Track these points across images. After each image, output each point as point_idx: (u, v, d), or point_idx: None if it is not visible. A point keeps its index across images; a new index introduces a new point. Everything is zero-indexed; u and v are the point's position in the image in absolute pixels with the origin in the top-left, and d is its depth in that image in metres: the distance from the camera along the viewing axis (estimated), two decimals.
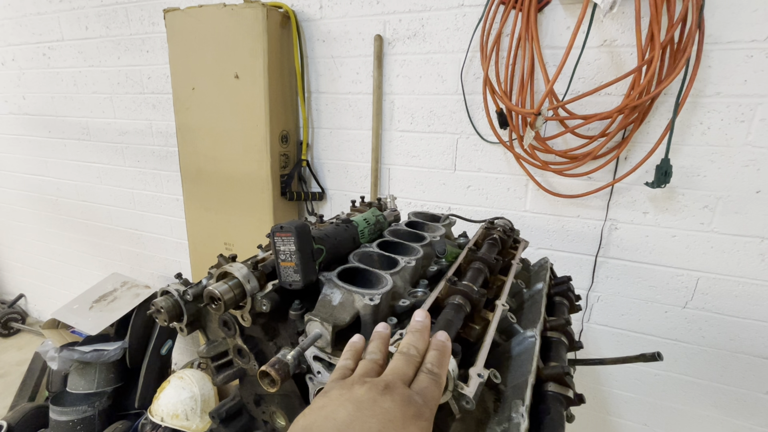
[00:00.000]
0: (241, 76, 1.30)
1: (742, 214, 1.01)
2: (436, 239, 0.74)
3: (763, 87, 0.92)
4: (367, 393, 0.31)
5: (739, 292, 1.07)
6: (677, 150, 1.03)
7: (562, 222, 1.20)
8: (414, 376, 0.35)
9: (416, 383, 0.34)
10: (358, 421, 0.29)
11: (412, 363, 0.36)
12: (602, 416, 1.34)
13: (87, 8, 1.70)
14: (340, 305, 0.53)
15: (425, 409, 0.32)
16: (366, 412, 0.30)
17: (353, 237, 0.67)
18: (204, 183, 1.49)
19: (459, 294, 0.54)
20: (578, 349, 0.64)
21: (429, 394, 0.34)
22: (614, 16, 0.99)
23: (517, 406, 0.44)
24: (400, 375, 0.34)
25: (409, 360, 0.36)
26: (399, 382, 0.33)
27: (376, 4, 1.23)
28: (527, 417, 0.43)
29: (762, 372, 1.11)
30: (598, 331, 1.26)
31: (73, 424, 1.53)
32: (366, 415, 0.29)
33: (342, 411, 0.30)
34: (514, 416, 0.43)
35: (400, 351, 0.37)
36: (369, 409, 0.30)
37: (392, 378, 0.33)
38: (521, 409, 0.43)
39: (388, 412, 0.30)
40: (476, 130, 1.20)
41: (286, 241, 0.53)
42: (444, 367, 0.37)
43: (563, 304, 0.74)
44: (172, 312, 0.61)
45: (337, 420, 0.29)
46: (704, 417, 1.21)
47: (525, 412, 0.43)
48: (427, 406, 0.32)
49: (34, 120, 2.08)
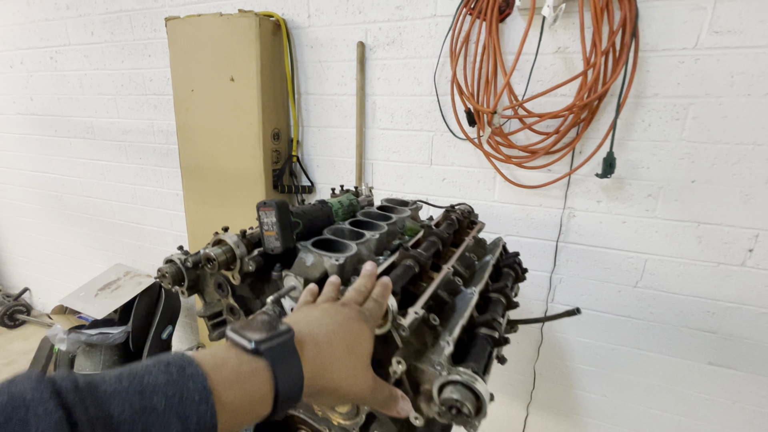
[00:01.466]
0: (237, 79, 1.42)
1: (680, 201, 1.14)
2: (400, 218, 0.86)
3: (694, 89, 1.05)
4: (330, 306, 0.43)
5: (681, 271, 1.19)
6: (624, 145, 1.15)
7: (527, 210, 1.32)
8: (362, 304, 0.47)
9: (365, 306, 0.46)
10: (327, 316, 0.40)
11: (361, 295, 0.48)
12: (566, 389, 1.46)
13: (93, 15, 1.83)
14: (312, 265, 0.65)
15: (371, 320, 0.44)
16: (331, 311, 0.41)
17: (328, 215, 0.80)
18: (202, 178, 1.61)
19: (410, 257, 0.67)
20: (515, 308, 0.76)
21: (374, 312, 0.46)
22: (566, 26, 1.12)
23: (445, 336, 0.56)
24: (352, 299, 0.46)
25: (359, 293, 0.48)
26: (352, 302, 0.45)
27: (359, 14, 1.35)
28: (452, 345, 0.55)
29: (704, 344, 1.23)
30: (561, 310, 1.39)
31: None
32: (331, 314, 0.41)
33: (314, 312, 0.41)
34: (442, 343, 0.55)
35: (353, 287, 0.49)
36: (333, 312, 0.41)
37: (346, 300, 0.45)
38: (448, 338, 0.56)
39: (347, 314, 0.41)
40: (449, 128, 1.33)
41: (268, 214, 0.65)
42: (385, 298, 0.50)
43: (509, 274, 0.86)
44: (175, 277, 0.73)
45: (311, 316, 0.40)
46: (656, 387, 1.33)
47: (451, 341, 0.55)
48: (373, 319, 0.45)
49: (40, 120, 2.20)
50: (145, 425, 0.23)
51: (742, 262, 1.12)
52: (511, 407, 1.57)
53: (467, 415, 0.50)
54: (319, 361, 0.35)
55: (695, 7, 1.00)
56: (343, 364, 0.37)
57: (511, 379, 1.54)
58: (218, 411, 0.26)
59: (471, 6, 1.17)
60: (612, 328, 1.33)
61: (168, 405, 0.24)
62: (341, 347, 0.37)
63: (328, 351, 0.36)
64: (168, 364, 0.26)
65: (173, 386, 0.25)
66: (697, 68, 1.03)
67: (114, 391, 0.24)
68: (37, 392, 0.22)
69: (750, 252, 1.11)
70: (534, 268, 1.36)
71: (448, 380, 0.51)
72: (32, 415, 0.21)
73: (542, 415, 1.54)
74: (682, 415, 1.33)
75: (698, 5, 0.99)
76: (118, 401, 0.23)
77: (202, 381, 0.26)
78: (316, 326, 0.38)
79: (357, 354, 0.39)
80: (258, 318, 0.35)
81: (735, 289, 1.15)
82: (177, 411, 0.25)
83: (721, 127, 1.05)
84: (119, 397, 0.24)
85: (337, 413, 0.71)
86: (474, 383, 0.50)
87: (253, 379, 0.30)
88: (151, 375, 0.25)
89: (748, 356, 1.19)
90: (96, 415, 0.22)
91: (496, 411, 1.60)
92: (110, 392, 0.24)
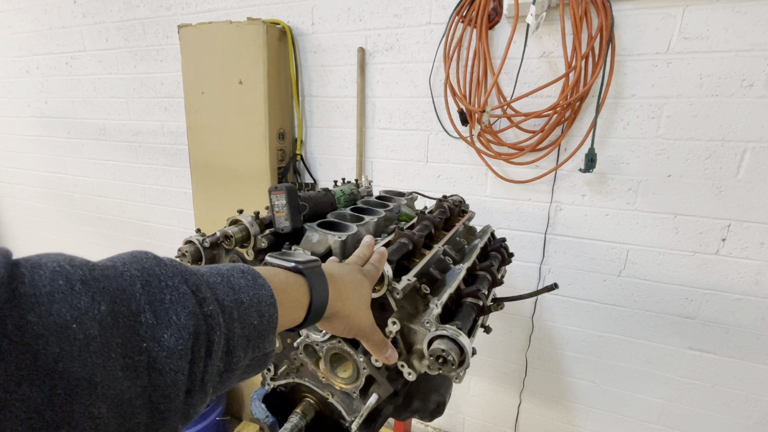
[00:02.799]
0: (245, 82, 1.52)
1: (658, 194, 1.23)
2: (397, 205, 0.95)
3: (667, 90, 1.14)
4: (337, 260, 0.54)
5: (660, 260, 1.28)
6: (605, 142, 1.24)
7: (517, 205, 1.41)
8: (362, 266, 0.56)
9: (364, 267, 0.55)
10: (337, 265, 0.51)
11: (361, 260, 0.57)
12: (556, 376, 1.53)
13: (108, 23, 1.93)
14: (318, 242, 0.74)
15: (369, 277, 0.54)
16: (339, 264, 0.52)
17: (331, 202, 0.88)
18: (211, 175, 1.70)
19: (404, 236, 0.75)
20: (500, 284, 0.85)
21: (371, 272, 0.55)
22: (550, 32, 1.21)
23: (434, 301, 0.64)
24: (354, 261, 0.56)
25: (359, 258, 0.57)
26: (356, 265, 0.55)
27: (359, 21, 1.45)
28: (440, 307, 0.64)
29: (683, 330, 1.31)
30: (551, 299, 1.47)
31: None
32: (340, 264, 0.52)
33: (328, 262, 0.52)
34: (431, 306, 0.63)
35: (354, 254, 0.58)
36: (341, 264, 0.52)
37: (349, 260, 0.55)
38: (436, 300, 0.64)
39: (352, 267, 0.52)
40: (443, 127, 1.42)
41: (279, 197, 0.74)
42: (382, 263, 0.58)
43: (496, 256, 0.94)
44: (194, 255, 0.81)
45: (327, 263, 0.51)
46: (640, 372, 1.41)
47: (439, 305, 0.64)
48: (370, 277, 0.54)
49: (54, 122, 2.30)
50: (239, 312, 0.31)
51: (716, 250, 1.21)
52: (505, 395, 1.64)
53: (452, 363, 0.58)
54: (338, 288, 0.45)
55: (666, 15, 1.09)
56: (353, 298, 0.47)
57: (505, 367, 1.61)
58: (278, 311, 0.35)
59: (463, 14, 1.27)
60: (598, 316, 1.41)
61: (250, 303, 0.32)
62: (351, 285, 0.48)
63: (343, 284, 0.46)
64: (243, 272, 0.34)
65: (252, 289, 0.33)
66: (669, 71, 1.12)
67: (215, 282, 0.31)
68: (163, 269, 0.27)
69: (723, 241, 1.19)
70: (524, 260, 1.44)
71: (436, 335, 0.60)
72: (165, 285, 0.26)
73: (534, 401, 1.61)
74: (665, 398, 1.40)
75: (669, 13, 1.09)
76: (221, 290, 0.31)
77: (270, 289, 0.35)
78: (331, 267, 0.48)
79: (361, 294, 0.49)
80: (289, 252, 0.44)
81: (710, 276, 1.23)
82: (257, 309, 0.32)
83: (692, 125, 1.14)
84: (221, 287, 0.31)
85: (339, 378, 0.79)
86: (458, 336, 0.58)
87: (298, 288, 0.39)
88: (234, 278, 0.33)
89: (724, 340, 1.27)
90: (212, 297, 0.29)
91: (490, 398, 1.68)
92: (213, 283, 0.31)
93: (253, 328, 0.32)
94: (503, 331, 1.56)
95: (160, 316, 0.25)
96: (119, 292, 0.24)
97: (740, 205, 1.15)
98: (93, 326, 0.22)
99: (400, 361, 0.67)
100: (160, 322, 0.25)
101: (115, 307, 0.23)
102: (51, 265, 0.22)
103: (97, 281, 0.23)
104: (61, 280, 0.22)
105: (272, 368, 0.90)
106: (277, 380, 0.90)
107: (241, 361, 0.32)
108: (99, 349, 0.22)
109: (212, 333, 0.28)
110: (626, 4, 1.12)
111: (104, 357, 0.22)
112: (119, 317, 0.23)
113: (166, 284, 0.26)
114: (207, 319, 0.28)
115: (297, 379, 0.87)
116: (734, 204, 1.16)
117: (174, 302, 0.26)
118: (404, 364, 0.67)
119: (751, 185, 1.13)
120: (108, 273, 0.25)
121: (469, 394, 1.71)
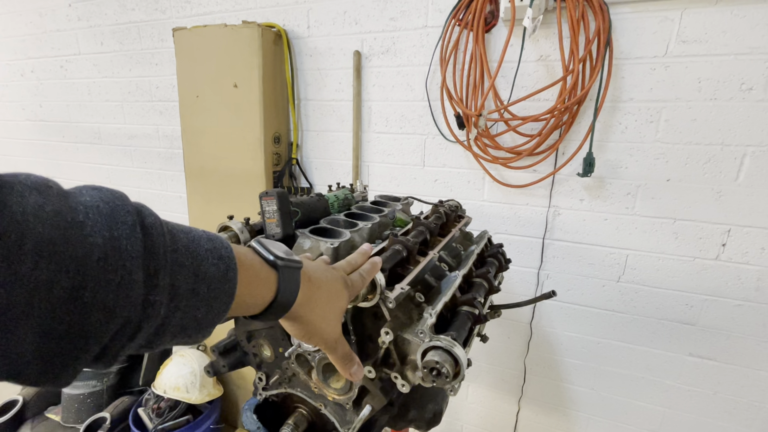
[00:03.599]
0: (240, 86, 1.50)
1: (657, 199, 1.21)
2: (392, 211, 0.93)
3: (665, 94, 1.13)
4: (324, 264, 0.50)
5: (660, 266, 1.26)
6: (603, 146, 1.23)
7: (515, 209, 1.39)
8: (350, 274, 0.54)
9: (350, 276, 0.53)
10: (320, 270, 0.48)
11: (351, 266, 0.55)
12: (556, 383, 1.51)
13: (103, 26, 1.92)
14: (309, 249, 0.72)
15: (351, 289, 0.51)
16: (323, 267, 0.49)
17: (324, 207, 0.86)
18: (206, 179, 1.68)
19: (399, 243, 0.73)
20: (496, 292, 0.83)
21: (355, 283, 0.52)
22: (547, 35, 1.20)
23: (429, 310, 0.62)
24: (342, 267, 0.53)
25: (350, 264, 0.55)
26: (341, 269, 0.52)
27: (355, 24, 1.44)
28: (435, 317, 0.62)
29: (684, 336, 1.29)
30: (549, 305, 1.45)
31: (83, 398, 1.69)
32: (323, 269, 0.48)
33: (314, 263, 0.49)
34: (425, 315, 0.61)
35: (346, 259, 0.56)
36: (325, 269, 0.49)
37: (337, 265, 0.53)
38: (431, 311, 0.62)
39: (334, 275, 0.49)
40: (440, 131, 1.41)
41: (270, 203, 0.72)
42: (371, 274, 0.56)
43: (493, 263, 0.92)
44: None
45: (313, 264, 0.48)
46: (640, 378, 1.38)
47: (434, 314, 0.62)
48: (353, 288, 0.51)
49: (49, 126, 2.28)
50: (187, 302, 0.30)
51: (716, 256, 1.19)
52: (503, 402, 1.62)
53: (446, 376, 0.56)
54: (309, 293, 0.43)
55: (664, 19, 1.08)
56: (322, 308, 0.45)
57: (503, 374, 1.59)
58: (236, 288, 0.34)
59: (459, 17, 1.26)
60: (597, 322, 1.39)
61: (206, 295, 0.31)
62: (325, 295, 0.46)
63: (317, 291, 0.44)
64: (220, 258, 0.33)
65: (216, 282, 0.32)
66: (668, 75, 1.11)
67: (182, 265, 0.29)
68: (131, 243, 0.26)
69: (723, 246, 1.18)
70: (522, 265, 1.43)
71: (430, 345, 0.58)
72: (121, 266, 0.25)
73: (533, 408, 1.58)
74: (666, 406, 1.38)
75: (666, 17, 1.08)
76: (184, 275, 0.29)
77: (234, 287, 0.34)
78: (313, 269, 0.46)
79: (333, 306, 0.47)
80: (277, 244, 0.42)
81: (710, 282, 1.21)
82: (208, 302, 0.32)
83: (691, 129, 1.13)
84: (184, 272, 0.30)
85: (331, 389, 0.77)
86: (452, 348, 0.56)
87: (265, 284, 0.38)
88: (206, 264, 0.31)
89: (725, 347, 1.25)
90: (166, 284, 0.28)
91: (489, 406, 1.65)
92: (180, 264, 0.29)
93: (194, 319, 0.31)
94: (501, 338, 1.54)
95: (98, 296, 0.24)
96: (71, 262, 0.23)
97: (740, 210, 1.14)
98: (21, 293, 0.21)
99: (394, 372, 0.65)
100: (95, 302, 0.24)
101: (57, 277, 0.23)
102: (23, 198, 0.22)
103: (54, 245, 0.22)
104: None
105: (264, 378, 0.88)
106: (269, 390, 0.87)
107: (166, 343, 0.31)
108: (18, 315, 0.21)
109: (145, 322, 0.28)
110: (624, 8, 1.11)
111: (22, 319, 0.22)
112: (55, 288, 0.23)
113: (123, 264, 0.25)
114: (146, 309, 0.27)
115: (289, 389, 0.85)
116: (734, 209, 1.14)
117: (120, 285, 0.25)
118: (398, 376, 0.65)
119: (751, 190, 1.11)
120: (71, 235, 0.23)
121: (467, 401, 1.68)
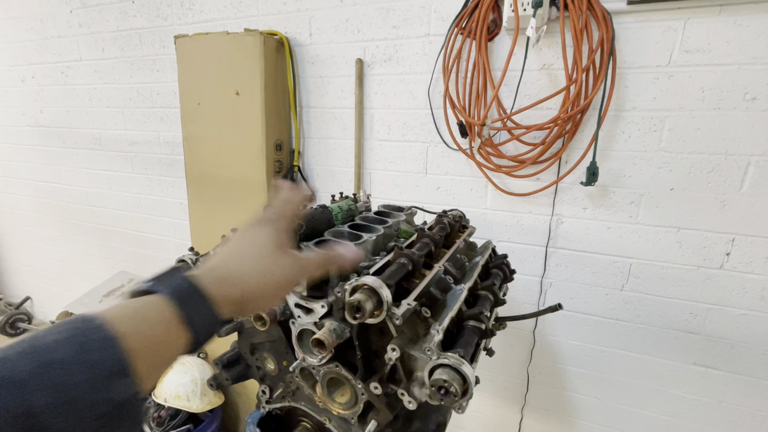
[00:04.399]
0: (241, 93, 1.50)
1: (660, 208, 1.21)
2: (396, 222, 0.93)
3: (669, 103, 1.13)
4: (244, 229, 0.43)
5: (664, 275, 1.25)
6: (607, 155, 1.23)
7: (517, 217, 1.39)
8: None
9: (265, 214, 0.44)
10: (235, 241, 0.42)
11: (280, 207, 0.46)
12: (559, 392, 1.50)
13: (104, 33, 1.92)
14: None
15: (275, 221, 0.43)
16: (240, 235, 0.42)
17: (328, 219, 0.86)
18: (207, 186, 1.68)
19: (404, 256, 0.73)
20: (502, 304, 0.82)
21: (276, 212, 0.45)
22: (550, 44, 1.20)
23: (436, 326, 0.62)
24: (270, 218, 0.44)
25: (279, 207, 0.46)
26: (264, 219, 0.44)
27: (357, 32, 1.44)
28: (442, 333, 0.61)
29: (688, 345, 1.29)
30: (553, 314, 1.44)
31: None
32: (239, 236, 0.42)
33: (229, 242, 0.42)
34: (432, 332, 0.61)
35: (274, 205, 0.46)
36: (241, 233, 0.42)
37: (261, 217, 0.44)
38: (438, 327, 0.61)
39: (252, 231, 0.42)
40: (442, 139, 1.40)
41: None
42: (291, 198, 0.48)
43: (498, 274, 0.92)
44: None
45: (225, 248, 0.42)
46: (644, 388, 1.38)
47: (441, 330, 0.61)
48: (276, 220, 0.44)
49: (49, 131, 2.28)
50: (49, 377, 0.23)
51: (720, 265, 1.19)
52: (506, 410, 1.61)
53: (454, 395, 0.56)
54: (227, 274, 0.38)
55: (667, 29, 1.08)
56: (251, 269, 0.39)
57: (506, 382, 1.58)
58: (130, 352, 0.27)
59: (462, 26, 1.25)
60: (601, 331, 1.38)
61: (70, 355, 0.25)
62: (247, 260, 0.39)
63: (237, 268, 0.38)
64: (75, 327, 0.27)
65: (76, 338, 0.26)
66: (671, 84, 1.11)
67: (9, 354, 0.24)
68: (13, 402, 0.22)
69: (727, 255, 1.17)
70: (525, 273, 1.42)
71: (438, 363, 0.57)
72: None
73: (536, 417, 1.57)
74: (670, 415, 1.37)
75: (670, 26, 1.08)
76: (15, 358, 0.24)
77: (105, 330, 0.27)
78: (227, 254, 0.40)
79: (259, 254, 0.40)
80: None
81: (714, 291, 1.21)
82: (81, 360, 0.25)
83: (695, 138, 1.12)
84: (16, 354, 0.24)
85: (336, 403, 0.77)
86: (461, 366, 0.56)
87: (155, 309, 0.31)
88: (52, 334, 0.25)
89: (729, 356, 1.24)
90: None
91: (492, 414, 1.64)
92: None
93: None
94: (504, 346, 1.53)
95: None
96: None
97: (744, 219, 1.13)
98: None
99: (401, 389, 0.65)
100: None
101: None
102: None
103: None
104: None
105: (268, 391, 0.87)
106: (273, 404, 0.86)
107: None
108: None
109: None
110: (627, 17, 1.11)
111: None
112: None
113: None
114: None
115: (293, 403, 0.84)
116: (738, 218, 1.14)
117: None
118: (404, 393, 0.64)
119: (756, 199, 1.11)
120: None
121: (470, 409, 1.67)
